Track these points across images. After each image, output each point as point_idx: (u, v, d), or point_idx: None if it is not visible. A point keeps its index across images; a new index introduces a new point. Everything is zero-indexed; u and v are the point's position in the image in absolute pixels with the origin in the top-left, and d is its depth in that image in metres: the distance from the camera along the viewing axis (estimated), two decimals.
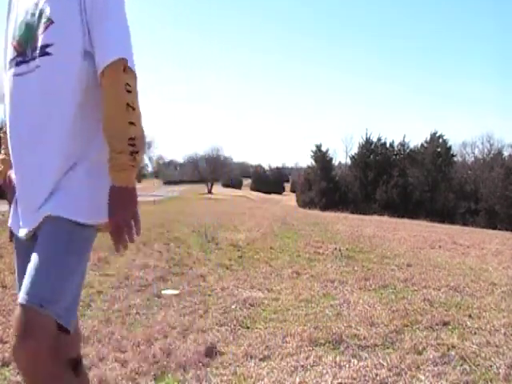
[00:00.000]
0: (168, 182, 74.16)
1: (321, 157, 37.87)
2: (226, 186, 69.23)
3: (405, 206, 31.18)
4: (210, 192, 55.89)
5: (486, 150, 37.25)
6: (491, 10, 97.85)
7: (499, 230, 20.63)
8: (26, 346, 1.21)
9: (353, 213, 25.82)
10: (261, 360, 2.67)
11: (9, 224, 1.52)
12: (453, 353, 2.83)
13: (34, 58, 1.32)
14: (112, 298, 3.78)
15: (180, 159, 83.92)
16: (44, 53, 1.31)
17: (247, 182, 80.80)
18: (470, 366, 2.65)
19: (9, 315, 3.24)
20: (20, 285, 1.32)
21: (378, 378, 2.46)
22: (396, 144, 36.04)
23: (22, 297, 1.26)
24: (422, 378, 2.49)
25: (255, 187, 73.16)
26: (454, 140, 55.67)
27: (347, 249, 7.04)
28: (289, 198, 54.24)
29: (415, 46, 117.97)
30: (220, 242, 7.19)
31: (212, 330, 3.11)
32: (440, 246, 8.32)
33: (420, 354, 2.82)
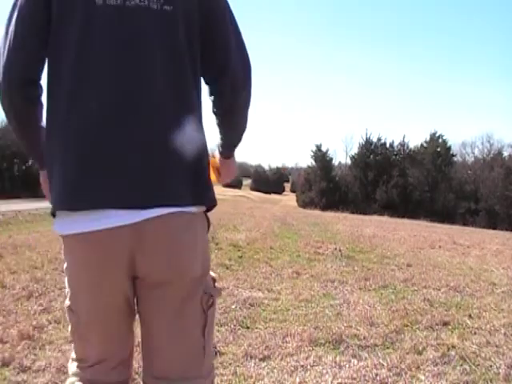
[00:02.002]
0: None
1: (321, 157, 37.83)
2: (225, 185, 69.18)
3: (405, 206, 31.15)
4: None
5: (485, 150, 37.21)
6: (491, 11, 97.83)
7: (499, 230, 20.64)
8: None
9: (353, 213, 25.81)
10: (261, 360, 2.66)
11: None
12: (453, 353, 2.83)
13: None
14: None
15: None
16: None
17: (247, 182, 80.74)
18: (470, 366, 2.65)
19: (9, 315, 3.24)
20: None
21: (378, 377, 2.46)
22: (396, 144, 36.03)
23: None
24: (422, 378, 2.49)
25: (255, 187, 73.10)
26: (454, 140, 55.59)
27: (347, 249, 7.04)
28: (289, 198, 54.19)
29: (415, 46, 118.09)
30: (220, 241, 7.19)
31: None
32: (440, 246, 8.32)
33: (420, 354, 2.82)
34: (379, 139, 36.12)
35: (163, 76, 1.09)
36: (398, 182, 33.14)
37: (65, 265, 1.20)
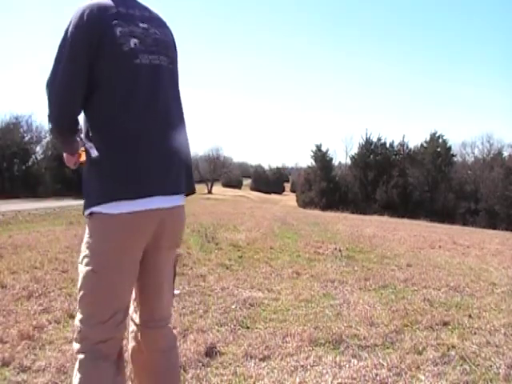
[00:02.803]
0: None
1: (321, 157, 37.85)
2: (226, 185, 69.12)
3: (405, 206, 31.16)
4: (210, 192, 55.83)
5: (485, 150, 37.11)
6: (491, 11, 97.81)
7: (499, 230, 20.64)
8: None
9: (353, 213, 25.83)
10: (261, 360, 2.66)
11: None
12: (453, 353, 2.83)
13: None
14: None
15: None
16: None
17: (247, 182, 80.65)
18: (470, 365, 2.65)
19: (9, 315, 3.24)
20: None
21: (378, 377, 2.46)
22: (396, 144, 36.05)
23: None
24: (422, 378, 2.49)
25: (255, 187, 73.08)
26: (454, 140, 55.51)
27: (347, 249, 7.04)
28: (289, 198, 54.20)
29: (415, 46, 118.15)
30: (220, 241, 7.19)
31: (212, 330, 3.11)
32: (440, 246, 8.32)
33: (420, 354, 2.82)
34: (379, 139, 36.14)
35: (175, 107, 1.66)
36: (398, 182, 33.14)
37: (88, 239, 1.55)
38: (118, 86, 1.50)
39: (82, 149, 1.69)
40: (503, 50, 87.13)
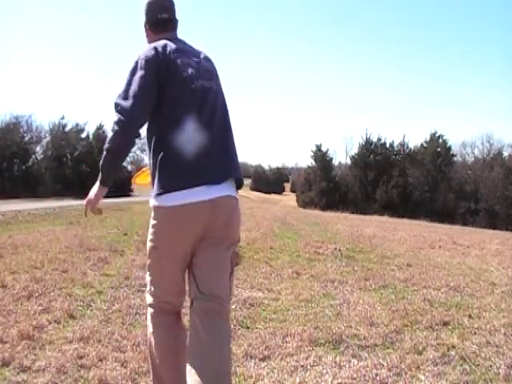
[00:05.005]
0: None
1: (321, 157, 37.86)
2: None
3: (405, 206, 31.18)
4: None
5: (485, 150, 37.11)
6: (491, 11, 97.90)
7: (499, 230, 20.65)
8: None
9: (353, 213, 25.85)
10: (261, 360, 2.66)
11: None
12: (453, 353, 2.83)
13: None
14: (112, 298, 3.78)
15: None
16: None
17: (247, 182, 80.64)
18: (470, 365, 2.65)
19: (9, 315, 3.24)
20: None
21: (378, 377, 2.46)
22: (396, 144, 36.07)
23: None
24: (422, 378, 2.49)
25: (255, 187, 73.07)
26: (454, 140, 55.49)
27: (347, 249, 7.04)
28: (289, 198, 54.21)
29: (415, 46, 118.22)
30: None
31: None
32: (440, 246, 8.32)
33: (420, 354, 2.82)
34: (379, 139, 36.15)
35: (220, 123, 1.98)
36: (398, 182, 33.15)
37: (151, 224, 1.90)
38: (178, 103, 1.89)
39: (144, 170, 2.11)
40: (503, 50, 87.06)
